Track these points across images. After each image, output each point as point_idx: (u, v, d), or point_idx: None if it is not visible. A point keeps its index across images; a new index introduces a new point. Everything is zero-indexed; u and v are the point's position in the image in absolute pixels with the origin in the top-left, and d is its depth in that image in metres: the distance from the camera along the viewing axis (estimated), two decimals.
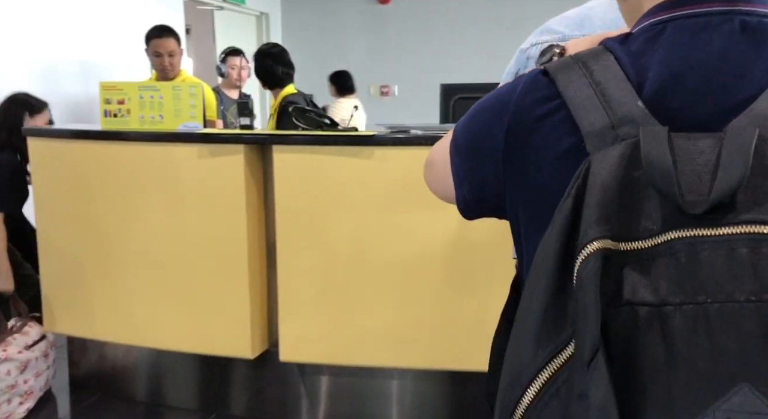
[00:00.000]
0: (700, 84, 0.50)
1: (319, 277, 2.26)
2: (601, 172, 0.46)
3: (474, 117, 0.63)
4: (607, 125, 0.48)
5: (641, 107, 0.48)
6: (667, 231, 0.43)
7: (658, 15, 0.54)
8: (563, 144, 0.52)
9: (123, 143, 2.39)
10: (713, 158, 0.44)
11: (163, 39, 3.15)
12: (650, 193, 0.45)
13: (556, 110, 0.53)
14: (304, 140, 2.23)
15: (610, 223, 0.44)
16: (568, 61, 0.55)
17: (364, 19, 6.59)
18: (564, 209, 0.47)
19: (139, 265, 2.42)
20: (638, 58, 0.52)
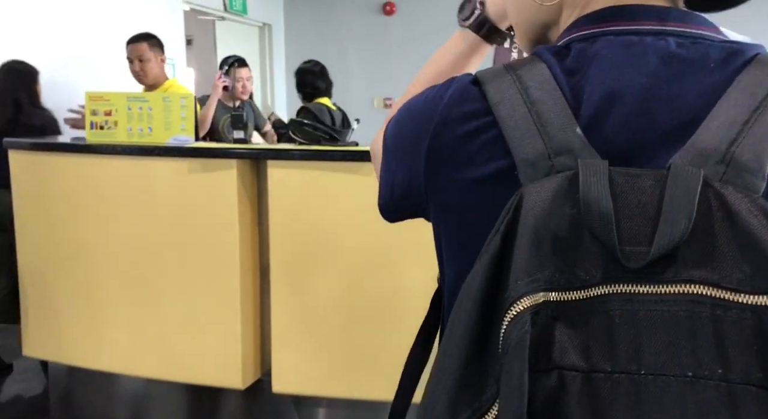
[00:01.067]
0: (636, 107, 0.45)
1: (316, 302, 2.10)
2: (534, 208, 0.42)
3: (402, 119, 0.57)
4: (543, 154, 0.44)
5: (579, 135, 0.44)
6: (603, 284, 0.40)
7: (587, 28, 0.50)
8: (491, 167, 0.47)
9: (109, 156, 2.25)
10: (654, 200, 0.40)
11: (133, 44, 3.10)
12: (586, 236, 0.40)
13: (486, 128, 0.48)
14: (301, 154, 2.08)
15: (542, 269, 0.40)
16: (501, 71, 0.49)
17: (368, 30, 6.49)
18: (491, 247, 0.43)
19: (124, 287, 2.27)
20: (572, 75, 0.48)
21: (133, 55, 3.09)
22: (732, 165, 0.40)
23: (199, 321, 2.19)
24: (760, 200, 0.39)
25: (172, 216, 2.19)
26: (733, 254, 0.38)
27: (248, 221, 2.18)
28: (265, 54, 6.48)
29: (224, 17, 5.79)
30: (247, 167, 2.16)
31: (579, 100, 0.46)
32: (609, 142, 0.45)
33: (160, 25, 4.50)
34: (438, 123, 0.51)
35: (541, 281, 0.40)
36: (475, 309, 0.42)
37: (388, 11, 6.39)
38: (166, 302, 2.22)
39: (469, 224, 0.49)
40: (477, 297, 0.42)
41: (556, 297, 0.40)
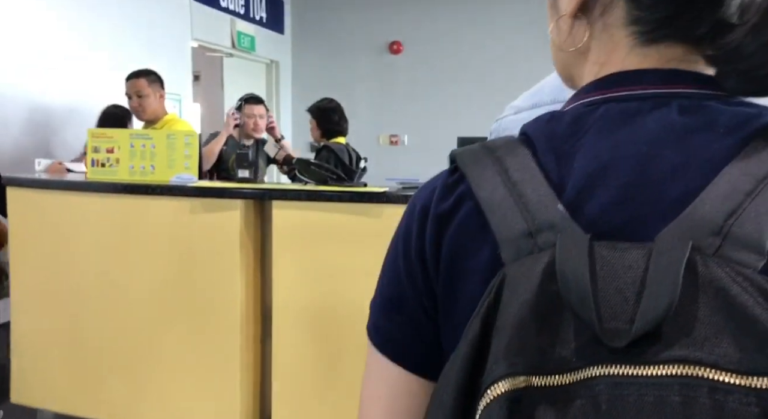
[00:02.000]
0: (631, 178, 0.42)
1: (321, 351, 2.00)
2: (516, 288, 0.39)
3: (384, 275, 0.54)
4: (524, 232, 0.42)
5: (561, 211, 0.42)
6: (588, 366, 0.37)
7: (592, 95, 0.48)
8: (482, 255, 0.45)
9: (109, 195, 2.18)
10: (640, 274, 0.38)
11: (132, 80, 3.09)
12: (568, 314, 0.38)
13: (471, 215, 0.46)
14: (307, 195, 2.01)
15: (523, 352, 0.37)
16: (479, 154, 0.48)
17: (375, 68, 6.52)
18: (471, 332, 0.40)
19: (120, 331, 2.17)
20: (563, 143, 0.46)
21: (132, 91, 3.08)
22: (728, 238, 0.37)
23: (196, 368, 2.09)
24: (755, 277, 0.36)
25: (173, 258, 2.11)
26: (729, 333, 0.35)
27: (251, 264, 2.10)
28: (272, 91, 6.50)
29: (232, 54, 5.82)
30: (251, 207, 2.09)
31: (566, 172, 0.44)
32: (601, 217, 0.42)
33: (168, 60, 4.51)
34: (418, 234, 0.49)
35: (521, 364, 0.37)
36: (451, 403, 0.40)
37: (395, 50, 6.43)
38: (164, 348, 2.12)
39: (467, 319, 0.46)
40: (454, 388, 0.40)
41: (539, 382, 0.37)
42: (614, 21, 0.47)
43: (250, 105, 3.40)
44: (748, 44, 0.42)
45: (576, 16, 0.49)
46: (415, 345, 0.50)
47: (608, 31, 0.48)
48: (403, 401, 0.51)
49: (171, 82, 3.58)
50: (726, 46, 0.43)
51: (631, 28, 0.46)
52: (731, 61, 0.44)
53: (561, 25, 0.51)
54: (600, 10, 0.48)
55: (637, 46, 0.46)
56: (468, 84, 6.15)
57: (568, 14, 0.49)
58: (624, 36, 0.47)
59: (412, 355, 0.51)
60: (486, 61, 6.10)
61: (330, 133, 3.36)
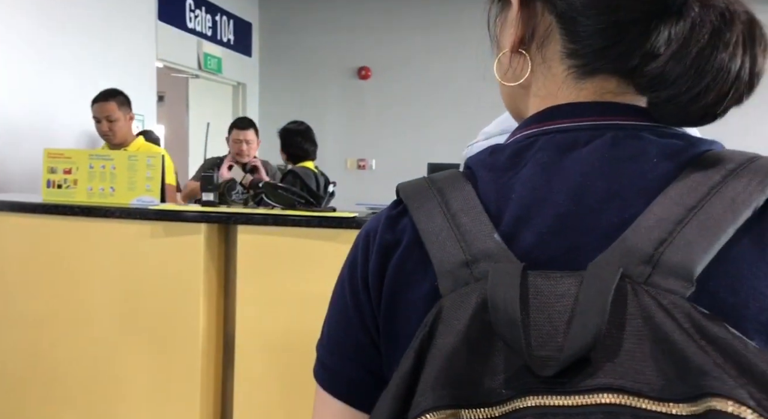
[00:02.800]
0: (567, 208, 0.43)
1: (285, 382, 1.93)
2: (450, 319, 0.39)
3: (331, 311, 0.54)
4: (461, 262, 0.42)
5: (497, 240, 0.42)
6: (516, 397, 0.36)
7: (531, 127, 0.49)
8: (423, 287, 0.45)
9: (66, 217, 2.09)
10: (571, 302, 0.38)
11: (101, 103, 2.95)
12: (499, 345, 0.38)
13: (413, 246, 0.46)
14: (274, 220, 1.96)
15: (451, 384, 0.37)
16: (422, 187, 0.48)
17: (343, 93, 6.53)
18: (403, 366, 0.40)
19: (74, 360, 2.06)
20: (502, 175, 0.47)
21: (101, 115, 2.94)
22: (658, 267, 0.38)
23: (155, 397, 1.99)
24: (683, 303, 0.36)
25: (132, 283, 2.02)
26: (653, 360, 0.35)
27: (214, 290, 2.02)
28: (239, 113, 6.44)
29: (198, 75, 5.75)
30: (215, 231, 2.02)
31: (504, 204, 0.45)
32: (537, 246, 0.42)
33: (132, 79, 4.42)
34: (362, 273, 0.49)
35: (448, 396, 0.36)
36: None
37: (363, 76, 6.46)
38: (122, 377, 2.02)
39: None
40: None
41: (468, 416, 0.36)
42: (552, 55, 0.48)
43: (236, 130, 3.31)
44: (670, 71, 0.43)
45: (517, 51, 0.50)
46: (362, 381, 0.50)
47: (547, 64, 0.49)
48: None
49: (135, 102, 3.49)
50: (650, 74, 0.44)
51: (568, 62, 0.47)
52: (656, 88, 0.44)
53: (503, 60, 0.52)
54: (538, 43, 0.49)
55: (573, 79, 0.48)
56: (436, 109, 6.21)
57: (509, 49, 0.50)
58: (561, 70, 0.48)
59: (358, 393, 0.50)
60: (455, 87, 6.18)
61: (295, 157, 3.29)
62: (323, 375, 0.52)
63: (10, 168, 3.62)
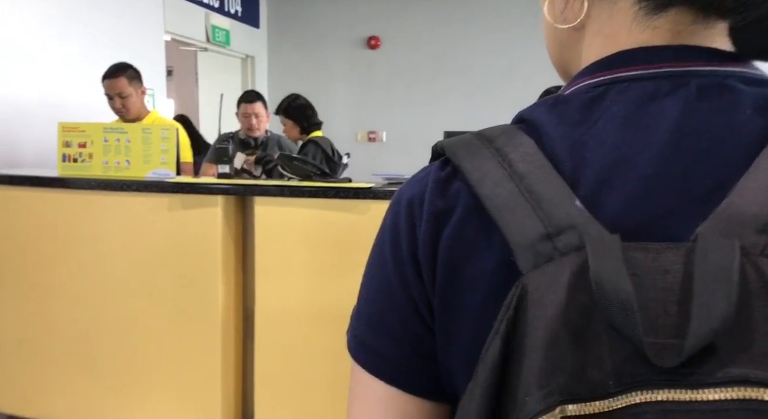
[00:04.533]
0: (654, 169, 0.38)
1: (305, 352, 1.94)
2: (541, 300, 0.34)
3: (369, 284, 0.48)
4: (542, 234, 0.36)
5: (580, 208, 0.37)
6: (630, 391, 0.31)
7: (597, 75, 0.43)
8: (487, 261, 0.39)
9: (82, 191, 2.09)
10: (679, 280, 0.33)
11: (110, 80, 2.88)
12: (603, 329, 0.33)
13: (471, 214, 0.40)
14: (290, 191, 1.95)
15: (558, 378, 0.32)
16: (475, 144, 0.42)
17: (353, 63, 6.45)
18: (491, 355, 0.35)
19: (93, 333, 2.08)
20: (572, 132, 0.40)
21: (113, 92, 2.89)
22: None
23: (175, 370, 2.01)
24: None
25: (149, 257, 2.03)
26: None
27: (232, 262, 2.03)
28: (248, 86, 6.39)
29: (207, 48, 5.70)
30: (232, 203, 2.02)
31: (579, 164, 0.39)
32: (623, 213, 0.37)
33: (140, 54, 4.39)
34: (409, 240, 0.43)
35: (557, 392, 0.32)
36: None
37: (373, 45, 6.37)
38: (141, 349, 2.04)
39: (476, 334, 0.40)
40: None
41: (575, 411, 0.32)
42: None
43: (244, 104, 3.23)
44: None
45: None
46: (411, 362, 0.44)
47: (610, 1, 0.43)
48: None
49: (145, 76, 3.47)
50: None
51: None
52: (743, 8, 0.39)
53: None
54: None
55: (644, 15, 0.41)
56: (448, 79, 6.13)
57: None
58: (630, 5, 0.42)
59: (408, 375, 0.44)
60: (466, 57, 6.09)
61: (308, 129, 3.27)
62: (366, 356, 0.46)
63: (22, 144, 3.63)
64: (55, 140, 2.23)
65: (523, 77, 5.62)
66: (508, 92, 5.62)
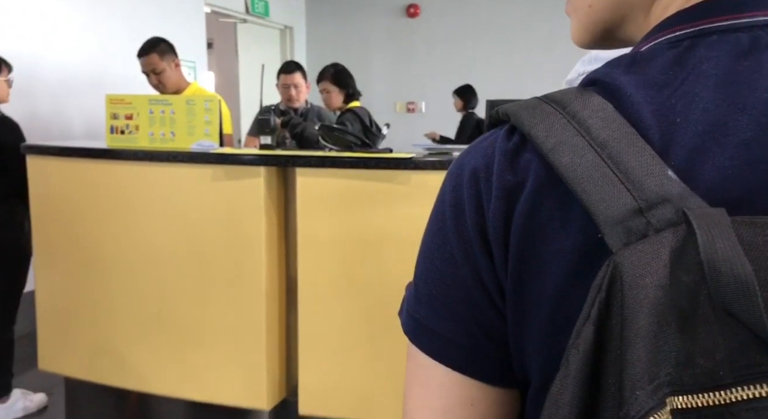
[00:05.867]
0: (755, 134, 0.33)
1: (347, 319, 1.97)
2: (638, 282, 0.30)
3: (427, 261, 0.43)
4: (633, 209, 0.32)
5: (674, 179, 0.33)
6: (748, 382, 0.28)
7: (680, 28, 0.38)
8: (567, 237, 0.36)
9: (130, 162, 2.15)
10: None
11: (143, 58, 2.90)
12: (709, 313, 0.29)
13: (546, 187, 0.36)
14: (332, 162, 1.96)
15: (666, 368, 0.29)
16: (546, 110, 0.37)
17: (391, 33, 6.38)
18: (582, 342, 0.32)
19: (143, 301, 2.16)
20: (657, 94, 0.36)
21: (147, 69, 2.92)
22: None
23: (221, 337, 2.07)
24: None
25: (195, 226, 2.08)
26: None
27: (275, 232, 2.06)
28: (287, 57, 6.40)
29: (246, 20, 5.71)
30: (274, 174, 2.04)
31: (669, 130, 0.35)
32: (721, 185, 0.33)
33: (181, 27, 4.43)
34: (475, 218, 0.39)
35: (666, 384, 0.29)
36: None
37: (412, 14, 6.28)
38: (187, 316, 2.11)
39: (554, 317, 0.37)
40: (570, 417, 0.32)
41: (684, 403, 0.29)
42: None
43: (283, 75, 3.24)
44: None
45: None
46: (479, 347, 0.41)
47: None
48: (461, 412, 0.42)
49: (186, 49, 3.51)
50: None
51: None
52: None
53: None
54: None
55: None
56: (488, 48, 6.00)
57: None
58: None
59: (476, 360, 0.41)
60: (506, 24, 5.94)
61: (350, 98, 3.24)
62: (428, 340, 0.42)
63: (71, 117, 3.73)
64: (102, 112, 2.29)
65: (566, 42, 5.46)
66: (551, 59, 5.47)
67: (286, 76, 3.23)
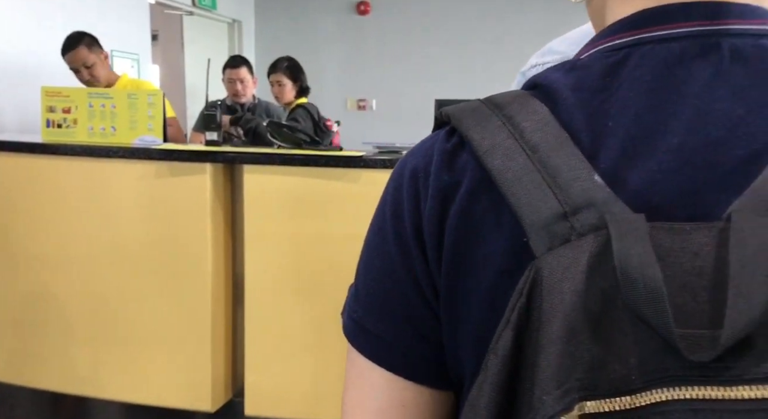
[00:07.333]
0: (682, 139, 0.34)
1: (295, 319, 1.95)
2: (557, 287, 0.31)
3: (368, 262, 0.44)
4: (558, 213, 0.33)
5: (599, 183, 0.33)
6: (655, 386, 0.28)
7: (619, 36, 0.39)
8: (497, 241, 0.36)
9: (68, 157, 2.06)
10: (711, 264, 0.30)
11: (70, 53, 2.78)
12: (623, 319, 0.29)
13: (480, 189, 0.37)
14: (280, 159, 1.93)
15: (577, 373, 0.29)
16: (483, 112, 0.38)
17: (342, 30, 6.35)
18: (501, 347, 0.32)
19: (83, 301, 2.07)
20: (592, 99, 0.37)
21: (77, 64, 2.79)
22: None
23: (164, 337, 2.02)
24: None
25: (137, 225, 2.01)
26: None
27: (221, 231, 2.02)
28: (235, 51, 6.27)
29: (192, 12, 5.57)
30: (221, 171, 2.00)
31: (599, 137, 0.35)
32: (646, 189, 0.34)
33: (123, 18, 4.28)
34: (412, 216, 0.40)
35: (575, 389, 0.29)
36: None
37: (363, 11, 6.26)
38: (128, 316, 2.04)
39: (484, 319, 0.37)
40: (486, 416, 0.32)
41: (595, 408, 0.29)
42: None
43: (229, 69, 3.17)
44: None
45: None
46: (414, 347, 0.41)
47: None
48: (394, 414, 0.42)
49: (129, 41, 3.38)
50: None
51: None
52: None
53: None
54: None
55: None
56: (439, 46, 6.05)
57: None
58: None
59: (410, 361, 0.41)
60: (458, 23, 6.00)
61: (302, 92, 3.18)
62: (365, 341, 0.42)
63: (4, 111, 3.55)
64: (37, 105, 2.18)
65: (516, 44, 5.56)
66: (501, 60, 5.56)
67: (232, 70, 3.17)
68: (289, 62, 3.14)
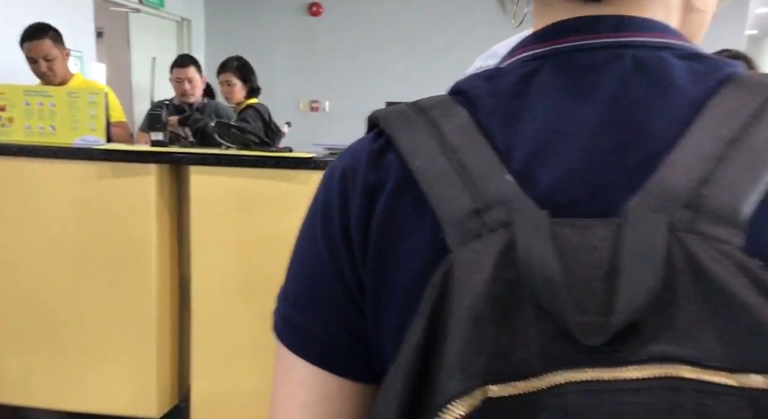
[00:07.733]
0: (588, 142, 0.37)
1: (242, 322, 1.92)
2: (467, 279, 0.33)
3: (297, 260, 0.46)
4: (471, 210, 0.35)
5: (510, 182, 0.36)
6: (554, 370, 0.31)
7: (535, 46, 0.42)
8: (419, 237, 0.38)
9: (3, 157, 1.98)
10: (607, 256, 0.32)
11: (34, 42, 2.70)
12: (527, 308, 0.32)
13: (403, 188, 0.39)
14: (228, 160, 1.90)
15: (482, 359, 0.31)
16: (409, 115, 0.40)
17: (294, 30, 6.31)
18: (414, 336, 0.33)
19: (16, 305, 1.99)
20: (507, 104, 0.40)
21: (38, 55, 2.71)
22: (703, 211, 0.32)
23: (107, 342, 1.96)
24: (738, 255, 0.31)
25: (78, 227, 1.95)
26: (712, 323, 0.30)
27: (167, 233, 1.98)
28: (183, 50, 6.15)
29: (139, 9, 5.43)
30: (166, 172, 1.95)
31: (512, 140, 0.38)
32: (555, 188, 0.37)
33: (66, 14, 4.13)
34: (341, 215, 0.42)
35: (479, 373, 0.31)
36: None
37: (315, 12, 6.24)
38: (68, 321, 1.97)
39: (406, 314, 0.38)
40: (397, 407, 0.32)
41: (497, 392, 0.30)
42: None
43: (176, 68, 3.12)
44: None
45: None
46: (339, 341, 0.42)
47: None
48: (319, 408, 0.43)
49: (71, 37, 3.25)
50: None
51: None
52: None
53: None
54: None
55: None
56: (392, 49, 6.08)
57: None
58: None
59: (335, 354, 0.43)
60: (411, 26, 6.05)
61: (252, 93, 3.15)
62: (292, 336, 0.44)
63: None
64: None
65: (462, 50, 5.65)
66: (451, 63, 5.64)
67: (180, 69, 3.11)
68: (238, 62, 3.11)
